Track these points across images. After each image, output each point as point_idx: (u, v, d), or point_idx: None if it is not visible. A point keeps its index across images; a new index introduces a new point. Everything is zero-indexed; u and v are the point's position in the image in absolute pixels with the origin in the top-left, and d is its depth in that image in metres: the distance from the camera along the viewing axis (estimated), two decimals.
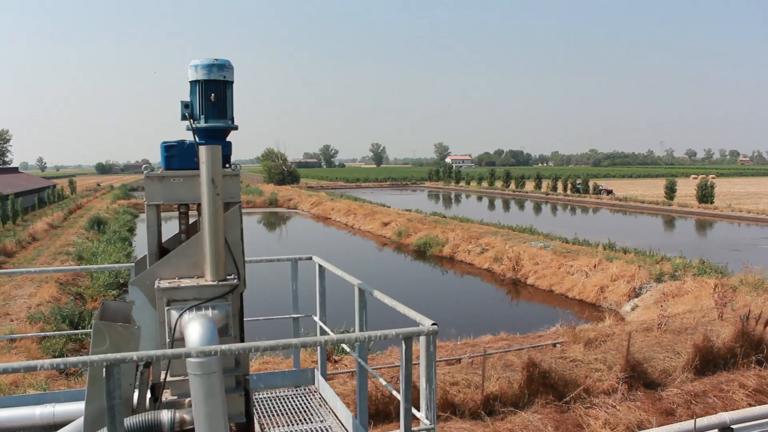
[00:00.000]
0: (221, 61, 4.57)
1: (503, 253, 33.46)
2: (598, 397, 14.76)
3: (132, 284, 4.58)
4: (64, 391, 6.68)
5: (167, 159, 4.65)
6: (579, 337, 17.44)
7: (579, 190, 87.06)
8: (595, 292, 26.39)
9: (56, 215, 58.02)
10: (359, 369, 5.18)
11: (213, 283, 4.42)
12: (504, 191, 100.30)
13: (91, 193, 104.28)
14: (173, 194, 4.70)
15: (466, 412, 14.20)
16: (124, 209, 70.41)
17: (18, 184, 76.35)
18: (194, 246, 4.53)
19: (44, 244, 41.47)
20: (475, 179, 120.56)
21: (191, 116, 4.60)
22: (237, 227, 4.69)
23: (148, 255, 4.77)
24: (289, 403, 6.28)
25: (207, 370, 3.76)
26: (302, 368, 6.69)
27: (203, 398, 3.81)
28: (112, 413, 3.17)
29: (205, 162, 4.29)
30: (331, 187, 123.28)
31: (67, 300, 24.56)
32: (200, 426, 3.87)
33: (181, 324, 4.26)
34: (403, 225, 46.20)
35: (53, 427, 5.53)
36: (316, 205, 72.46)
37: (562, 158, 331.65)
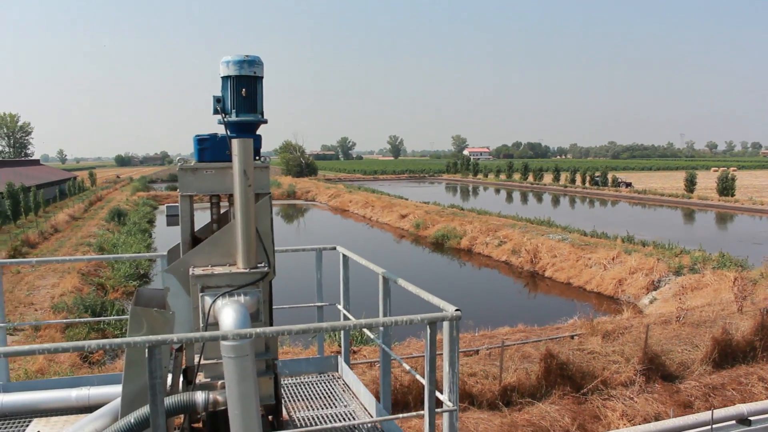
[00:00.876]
0: (252, 58, 4.74)
1: (521, 245, 33.49)
2: (615, 389, 14.83)
3: (167, 271, 4.78)
4: (96, 375, 6.94)
5: (200, 151, 4.84)
6: (597, 329, 17.49)
7: (598, 182, 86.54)
8: (613, 285, 26.38)
9: (77, 207, 58.75)
10: (383, 355, 5.36)
11: (245, 271, 4.62)
12: (522, 184, 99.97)
13: (111, 185, 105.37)
14: (206, 185, 4.89)
15: (484, 402, 14.35)
16: (144, 201, 71.04)
17: (39, 176, 77.35)
18: (226, 235, 4.73)
19: (66, 236, 42.11)
20: (493, 172, 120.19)
21: (223, 110, 4.79)
22: (267, 217, 4.88)
23: (182, 243, 4.97)
24: (313, 388, 6.47)
25: (240, 353, 3.95)
26: (326, 355, 6.89)
27: (237, 380, 4.00)
28: (154, 391, 3.36)
29: (237, 154, 4.48)
30: (349, 179, 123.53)
31: (89, 290, 25.03)
32: (233, 406, 4.07)
33: (214, 309, 4.46)
34: (420, 217, 46.33)
35: (88, 409, 5.77)
36: (334, 197, 72.75)
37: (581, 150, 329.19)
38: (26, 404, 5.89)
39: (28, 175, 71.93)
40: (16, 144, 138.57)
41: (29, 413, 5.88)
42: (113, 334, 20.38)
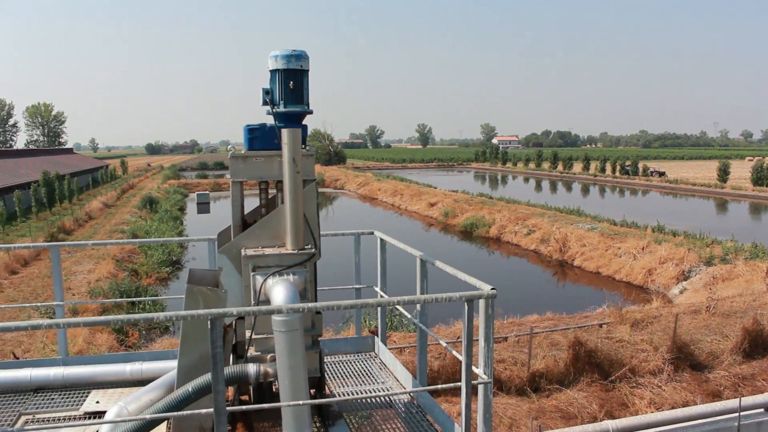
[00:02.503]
0: (299, 52, 5.04)
1: (550, 234, 33.47)
2: (643, 377, 14.91)
3: (220, 252, 5.12)
4: (146, 352, 7.34)
5: (250, 140, 5.16)
6: (625, 318, 17.56)
7: (628, 171, 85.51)
8: (642, 275, 26.29)
9: (110, 195, 59.72)
10: (420, 333, 5.66)
11: (293, 252, 4.95)
12: (551, 173, 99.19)
13: (142, 173, 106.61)
14: (255, 172, 5.22)
15: (512, 388, 14.56)
16: (174, 189, 71.81)
17: (73, 164, 78.82)
18: (275, 218, 5.06)
19: (100, 223, 42.98)
20: (522, 160, 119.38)
21: (272, 102, 5.10)
22: (313, 202, 5.20)
23: (233, 226, 5.31)
24: (351, 366, 6.80)
25: (291, 327, 4.27)
26: (363, 335, 7.22)
27: (287, 353, 4.32)
28: (215, 360, 3.67)
29: (287, 143, 4.79)
30: (378, 167, 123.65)
31: (124, 276, 25.70)
32: (283, 377, 4.39)
33: (265, 287, 4.79)
34: (449, 206, 46.42)
35: (141, 382, 6.15)
36: (363, 185, 73.01)
37: (611, 139, 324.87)
38: (85, 377, 6.30)
39: (62, 163, 73.40)
40: (50, 133, 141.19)
41: (88, 385, 6.29)
42: None
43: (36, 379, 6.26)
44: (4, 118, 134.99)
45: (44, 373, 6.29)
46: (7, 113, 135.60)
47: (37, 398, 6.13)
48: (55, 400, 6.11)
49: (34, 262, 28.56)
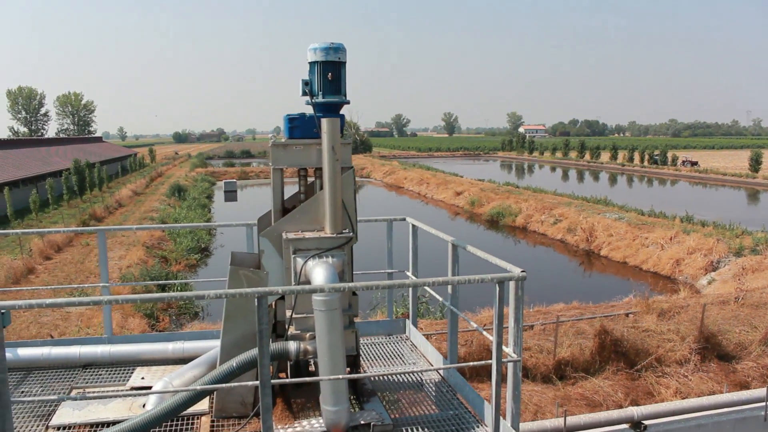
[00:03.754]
0: (336, 45, 5.27)
1: (577, 224, 33.39)
2: (669, 367, 14.94)
3: (262, 236, 5.38)
4: (186, 332, 7.65)
5: (290, 129, 5.41)
6: (652, 307, 17.56)
7: (657, 161, 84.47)
8: (670, 265, 26.16)
9: (139, 182, 60.39)
10: (451, 315, 5.88)
11: (332, 236, 5.20)
12: (578, 162, 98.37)
13: (170, 161, 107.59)
14: (295, 159, 5.46)
15: (538, 375, 14.71)
16: (202, 177, 72.43)
17: (102, 152, 80.00)
18: (314, 204, 5.32)
19: (129, 210, 43.68)
20: (548, 149, 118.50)
21: (310, 92, 5.33)
22: (351, 188, 5.44)
23: (273, 211, 5.56)
24: (383, 348, 7.05)
25: (331, 306, 4.52)
26: (395, 318, 7.46)
27: (326, 331, 4.57)
28: (261, 336, 3.91)
29: (326, 132, 5.02)
30: (404, 156, 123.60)
31: (154, 262, 26.22)
32: (323, 354, 4.64)
33: (306, 269, 5.05)
34: (475, 195, 46.42)
35: (182, 360, 6.46)
36: (389, 174, 73.16)
37: (640, 129, 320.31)
38: (130, 354, 6.63)
39: (92, 151, 74.58)
40: (80, 122, 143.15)
41: (133, 362, 6.62)
42: (176, 304, 21.49)
43: (84, 356, 6.59)
44: (35, 107, 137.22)
45: (92, 350, 6.62)
46: (39, 102, 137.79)
47: (86, 374, 6.46)
48: (102, 375, 6.44)
49: (67, 248, 29.23)
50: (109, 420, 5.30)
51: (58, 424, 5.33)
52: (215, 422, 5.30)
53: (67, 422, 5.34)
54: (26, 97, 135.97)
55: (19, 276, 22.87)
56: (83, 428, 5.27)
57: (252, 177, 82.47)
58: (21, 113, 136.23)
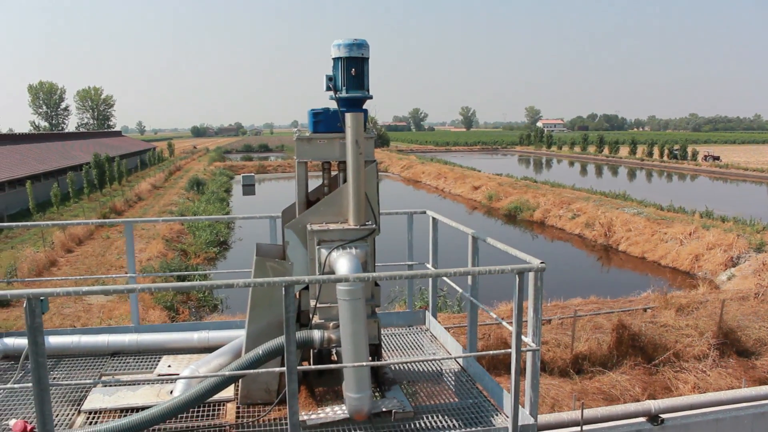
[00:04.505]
0: (360, 41, 5.39)
1: (595, 218, 33.29)
2: (688, 362, 14.93)
3: (287, 227, 5.53)
4: (211, 322, 7.83)
5: (314, 124, 5.54)
6: (670, 303, 17.54)
7: (676, 156, 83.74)
8: (689, 261, 26.02)
9: (158, 176, 60.83)
10: (471, 306, 5.99)
11: (355, 227, 5.33)
12: (597, 156, 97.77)
13: (189, 155, 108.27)
14: (319, 153, 5.60)
15: (555, 369, 14.77)
16: (220, 171, 72.79)
17: (122, 146, 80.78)
18: (338, 196, 5.46)
19: (149, 203, 44.08)
20: (567, 144, 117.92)
21: (334, 87, 5.46)
22: (374, 181, 5.57)
23: (297, 204, 5.70)
24: (403, 339, 7.18)
25: (354, 296, 4.65)
26: (414, 310, 7.58)
27: (350, 320, 4.70)
28: (288, 323, 4.05)
29: (350, 126, 5.15)
30: (421, 150, 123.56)
31: (173, 255, 26.52)
32: (346, 342, 4.78)
33: (330, 260, 5.19)
34: (493, 189, 46.39)
35: (207, 349, 6.62)
36: (407, 168, 73.18)
37: (659, 123, 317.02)
38: (156, 343, 6.81)
39: (111, 145, 75.31)
40: (99, 116, 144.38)
41: (159, 351, 6.79)
42: (196, 297, 21.78)
43: (113, 344, 6.78)
44: (56, 102, 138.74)
45: (120, 339, 6.81)
46: (59, 97, 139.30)
47: (114, 361, 6.65)
48: (130, 363, 6.62)
49: (88, 241, 29.62)
50: (138, 405, 5.47)
51: (89, 408, 5.51)
52: (240, 408, 5.46)
53: (98, 407, 5.52)
54: (47, 92, 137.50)
55: (42, 268, 23.25)
56: (113, 413, 5.44)
57: (270, 171, 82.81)
58: (42, 108, 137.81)
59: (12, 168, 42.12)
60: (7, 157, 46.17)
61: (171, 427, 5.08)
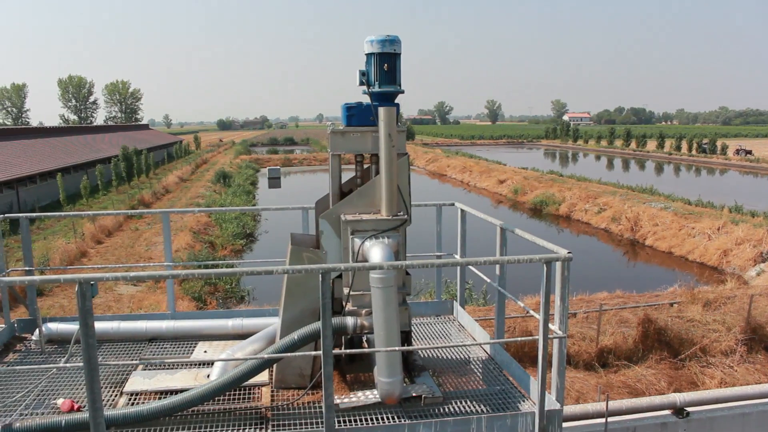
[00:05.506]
0: (392, 37, 5.55)
1: (621, 213, 33.11)
2: (714, 357, 14.88)
3: (322, 218, 5.72)
4: (244, 309, 8.05)
5: (348, 117, 5.72)
6: (697, 297, 17.47)
7: (705, 150, 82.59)
8: (717, 256, 25.81)
9: (184, 169, 61.55)
10: (499, 295, 6.14)
11: (388, 218, 5.50)
12: (624, 150, 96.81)
13: (215, 148, 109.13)
14: (352, 146, 5.78)
15: (580, 362, 14.82)
16: (246, 164, 73.35)
17: (149, 140, 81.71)
18: (371, 188, 5.64)
19: (176, 196, 44.69)
20: (593, 138, 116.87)
21: (367, 82, 5.63)
22: (405, 173, 5.74)
23: (331, 195, 5.89)
24: (431, 328, 7.34)
25: (387, 284, 4.82)
26: (443, 300, 7.74)
27: (383, 307, 4.87)
28: (325, 308, 4.23)
29: (383, 120, 5.32)
30: (446, 144, 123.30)
31: (201, 247, 26.94)
32: (379, 328, 4.95)
33: (363, 249, 5.37)
34: (519, 183, 46.30)
35: (241, 336, 6.84)
36: (432, 161, 73.22)
37: (688, 116, 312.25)
38: (192, 329, 7.04)
39: (139, 138, 76.29)
40: (127, 110, 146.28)
41: (195, 337, 7.03)
42: (223, 287, 22.17)
43: (150, 330, 7.03)
44: (85, 95, 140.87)
45: (157, 325, 7.05)
46: (88, 91, 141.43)
47: (152, 347, 6.90)
48: (167, 348, 6.86)
49: (117, 232, 30.19)
50: (177, 388, 5.69)
51: (130, 390, 5.75)
52: (275, 392, 5.66)
53: (139, 389, 5.76)
54: (76, 86, 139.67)
55: (73, 258, 23.76)
56: (153, 395, 5.68)
57: (295, 164, 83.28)
58: (71, 101, 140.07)
59: (43, 161, 42.98)
60: (38, 150, 47.11)
61: (209, 408, 5.29)
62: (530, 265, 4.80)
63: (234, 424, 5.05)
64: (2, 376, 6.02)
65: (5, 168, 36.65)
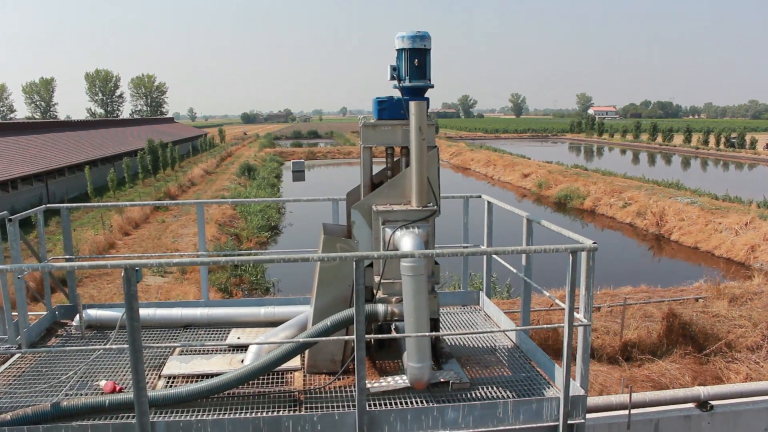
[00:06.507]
0: (422, 33, 5.72)
1: (647, 207, 32.88)
2: (740, 353, 14.80)
3: (354, 208, 5.91)
4: (275, 298, 8.27)
5: (379, 111, 5.91)
6: (723, 293, 17.37)
7: (734, 144, 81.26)
8: (744, 251, 25.52)
9: (209, 162, 61.88)
10: (525, 285, 6.29)
11: (418, 208, 5.68)
12: (650, 144, 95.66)
13: (239, 141, 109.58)
14: (383, 139, 5.96)
15: (604, 356, 14.85)
16: (271, 157, 73.61)
17: (174, 133, 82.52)
18: (402, 179, 5.82)
19: (201, 189, 45.06)
20: (619, 132, 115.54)
21: (398, 77, 5.80)
22: (435, 166, 5.91)
23: (362, 186, 6.08)
24: (457, 317, 7.51)
25: (417, 272, 5.00)
26: (469, 290, 7.90)
27: (413, 294, 5.05)
28: (359, 295, 4.41)
29: (414, 114, 5.49)
30: (470, 137, 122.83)
31: (227, 239, 27.26)
32: (409, 315, 5.13)
33: (394, 238, 5.55)
34: (543, 177, 46.09)
35: (273, 323, 7.06)
36: (456, 155, 73.06)
37: (717, 110, 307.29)
38: (225, 317, 7.28)
39: (164, 132, 77.11)
40: (152, 103, 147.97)
41: (228, 324, 7.27)
42: (249, 279, 22.46)
43: (185, 317, 7.28)
44: (111, 89, 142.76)
45: (191, 312, 7.30)
46: (114, 84, 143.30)
47: (186, 333, 7.15)
48: (201, 335, 7.11)
49: (144, 224, 30.61)
50: (213, 372, 5.92)
51: (168, 374, 5.99)
52: (307, 377, 5.87)
53: (176, 373, 6.00)
54: (102, 80, 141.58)
55: (102, 250, 24.17)
56: (190, 378, 5.91)
57: (319, 157, 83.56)
58: (98, 95, 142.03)
59: (71, 154, 43.72)
60: (66, 143, 47.93)
61: (244, 391, 5.51)
62: (554, 260, 4.94)
63: (269, 406, 5.26)
64: (47, 359, 6.30)
65: (35, 161, 37.38)
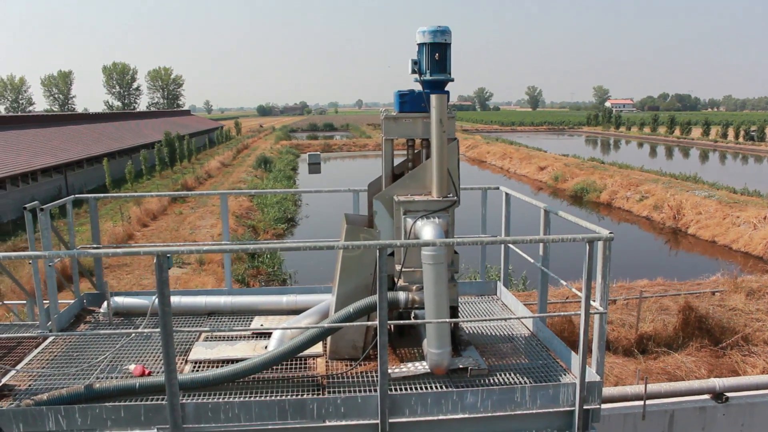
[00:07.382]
0: (443, 28, 5.84)
1: (664, 201, 32.76)
2: (757, 346, 14.80)
3: (375, 198, 6.06)
4: (297, 287, 8.46)
5: (401, 104, 6.05)
6: (740, 286, 17.35)
7: (753, 137, 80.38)
8: (763, 245, 25.39)
9: (226, 154, 62.22)
10: (542, 274, 6.43)
11: (438, 199, 5.83)
12: (667, 138, 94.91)
13: (255, 134, 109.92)
14: (404, 131, 6.11)
15: (620, 348, 14.92)
16: (287, 149, 73.90)
17: (191, 125, 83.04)
18: (422, 171, 5.98)
19: (218, 181, 45.39)
20: (636, 125, 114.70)
21: (419, 71, 5.94)
22: (455, 157, 6.05)
23: (384, 177, 6.23)
24: (476, 307, 7.65)
25: (438, 260, 5.16)
26: (486, 280, 8.04)
27: (433, 282, 5.21)
28: (381, 282, 4.56)
29: (435, 107, 5.63)
30: (486, 130, 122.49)
31: (244, 231, 27.53)
32: (429, 303, 5.29)
33: (415, 228, 5.71)
34: (559, 170, 45.99)
35: (295, 311, 7.24)
36: (471, 148, 72.98)
37: (736, 103, 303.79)
38: (249, 305, 7.46)
39: (181, 124, 77.61)
40: (169, 96, 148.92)
41: (250, 312, 7.45)
42: (266, 270, 22.73)
43: (209, 305, 7.48)
44: (128, 82, 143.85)
45: (215, 300, 7.50)
46: (131, 77, 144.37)
47: (211, 320, 7.35)
48: (225, 322, 7.30)
49: (162, 216, 30.97)
50: (237, 357, 6.10)
51: (194, 359, 6.19)
52: (329, 363, 6.04)
53: (202, 358, 6.20)
54: (120, 73, 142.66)
55: (120, 241, 24.50)
56: (215, 363, 6.11)
57: (335, 150, 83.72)
58: (115, 88, 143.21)
59: (89, 146, 44.21)
60: (85, 135, 48.46)
61: (268, 376, 5.69)
62: (570, 253, 5.06)
63: (293, 390, 5.44)
64: (77, 344, 6.52)
65: (55, 153, 37.87)
